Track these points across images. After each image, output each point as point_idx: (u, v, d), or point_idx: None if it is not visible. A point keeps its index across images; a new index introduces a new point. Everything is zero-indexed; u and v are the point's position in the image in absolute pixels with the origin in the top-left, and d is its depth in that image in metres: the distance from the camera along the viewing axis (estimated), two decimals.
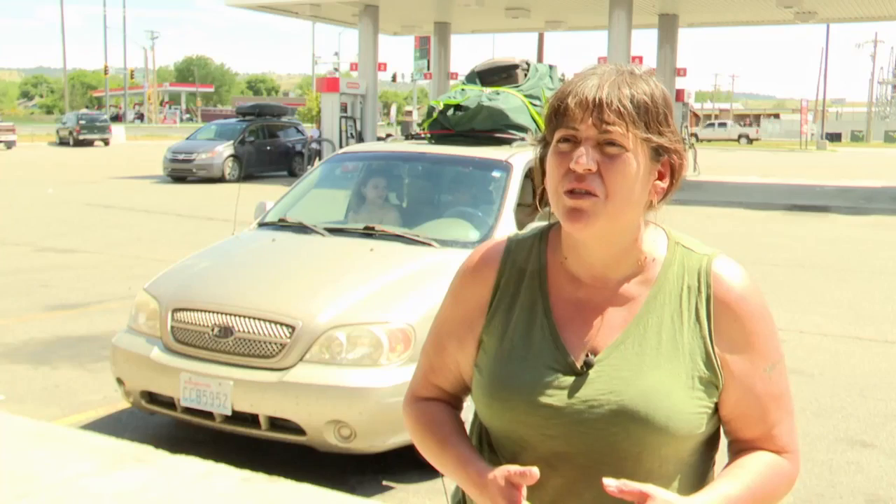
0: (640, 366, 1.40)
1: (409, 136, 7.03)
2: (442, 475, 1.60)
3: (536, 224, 1.62)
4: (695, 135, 28.63)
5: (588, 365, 1.41)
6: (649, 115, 1.37)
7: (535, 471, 1.33)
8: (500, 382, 1.45)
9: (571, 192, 1.37)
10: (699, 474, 1.48)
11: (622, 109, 1.35)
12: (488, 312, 1.51)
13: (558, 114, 1.39)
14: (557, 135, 1.40)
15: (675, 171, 1.43)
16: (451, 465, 1.50)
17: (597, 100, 1.35)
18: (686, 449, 1.42)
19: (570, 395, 1.40)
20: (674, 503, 1.31)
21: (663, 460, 1.40)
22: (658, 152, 1.40)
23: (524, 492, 1.36)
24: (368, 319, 4.39)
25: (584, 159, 1.35)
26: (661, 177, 1.42)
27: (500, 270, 1.53)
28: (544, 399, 1.41)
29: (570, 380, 1.41)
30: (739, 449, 1.48)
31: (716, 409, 1.45)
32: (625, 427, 1.38)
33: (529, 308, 1.48)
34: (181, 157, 24.62)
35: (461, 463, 1.47)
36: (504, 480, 1.36)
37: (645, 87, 1.38)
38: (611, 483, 1.30)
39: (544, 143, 1.45)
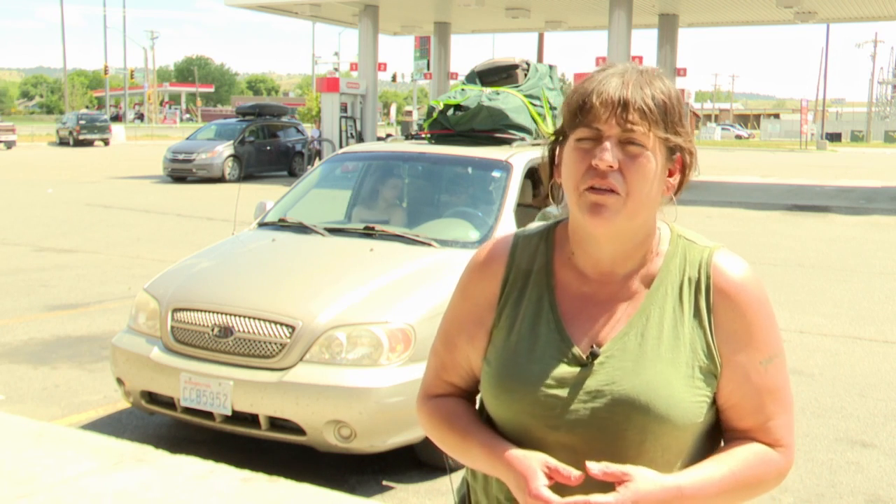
0: (642, 357, 1.43)
1: (409, 136, 7.04)
2: (448, 472, 1.62)
3: (540, 222, 1.63)
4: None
5: (593, 356, 1.44)
6: (667, 115, 1.41)
7: (577, 474, 1.37)
8: (508, 374, 1.48)
9: (593, 189, 1.39)
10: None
11: (645, 109, 1.38)
12: (497, 307, 1.54)
13: (582, 111, 1.41)
14: (579, 132, 1.42)
15: (686, 168, 1.47)
16: (476, 451, 1.50)
17: (622, 99, 1.38)
18: (687, 438, 1.45)
19: (576, 387, 1.44)
20: (653, 480, 1.35)
21: (665, 449, 1.43)
22: (672, 150, 1.43)
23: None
24: (368, 319, 4.39)
25: (609, 156, 1.37)
26: (671, 173, 1.46)
27: (508, 266, 1.56)
28: (550, 390, 1.44)
29: (575, 371, 1.44)
30: (733, 438, 1.50)
31: (715, 399, 1.47)
32: (627, 416, 1.41)
33: (536, 302, 1.51)
34: (181, 157, 24.62)
35: (487, 448, 1.48)
36: (543, 466, 1.38)
37: (663, 87, 1.42)
38: (594, 466, 1.35)
39: (559, 138, 1.47)
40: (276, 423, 4.36)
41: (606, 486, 1.36)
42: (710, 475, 1.41)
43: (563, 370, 1.45)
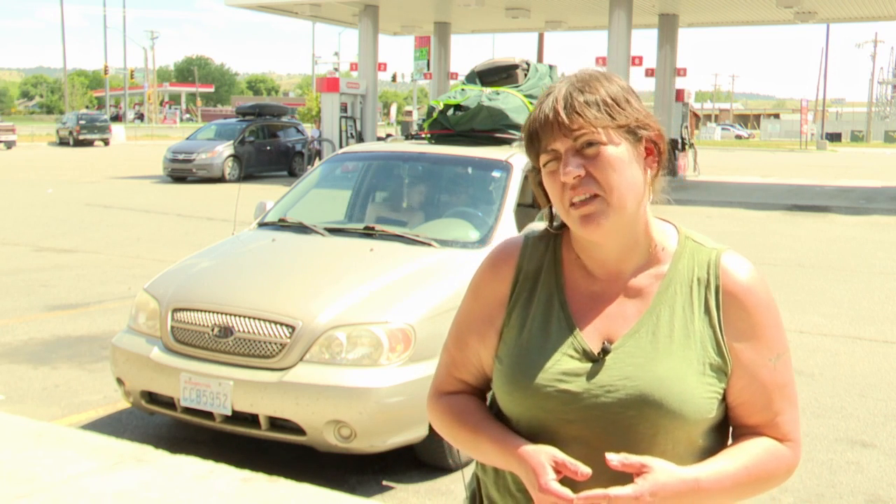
0: (654, 353, 1.47)
1: (409, 136, 7.03)
2: (462, 467, 1.64)
3: (547, 222, 1.65)
4: (692, 144, 28.76)
5: (605, 352, 1.48)
6: (609, 106, 1.45)
7: (585, 470, 1.39)
8: (521, 370, 1.51)
9: (574, 205, 1.44)
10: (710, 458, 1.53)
11: (580, 111, 1.43)
12: (507, 307, 1.58)
13: (533, 141, 1.48)
14: (542, 160, 1.48)
15: (658, 142, 1.50)
16: (487, 447, 1.53)
17: (556, 113, 1.44)
18: (698, 432, 1.48)
19: (588, 381, 1.47)
20: (671, 472, 1.39)
21: (676, 443, 1.46)
22: (635, 133, 1.47)
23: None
24: (368, 319, 4.39)
25: (570, 168, 1.43)
26: (649, 153, 1.50)
27: (518, 267, 1.60)
28: (563, 385, 1.47)
29: (587, 366, 1.48)
30: (742, 434, 1.53)
31: (725, 396, 1.51)
32: (640, 411, 1.44)
33: (546, 302, 1.55)
34: (181, 157, 24.62)
35: (498, 443, 1.51)
36: (551, 461, 1.41)
37: (599, 88, 1.46)
38: (613, 458, 1.38)
39: (536, 171, 1.52)
40: (276, 423, 4.36)
41: (619, 478, 1.38)
42: (725, 468, 1.45)
43: (575, 365, 1.48)
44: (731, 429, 1.56)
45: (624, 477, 1.38)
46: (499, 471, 1.57)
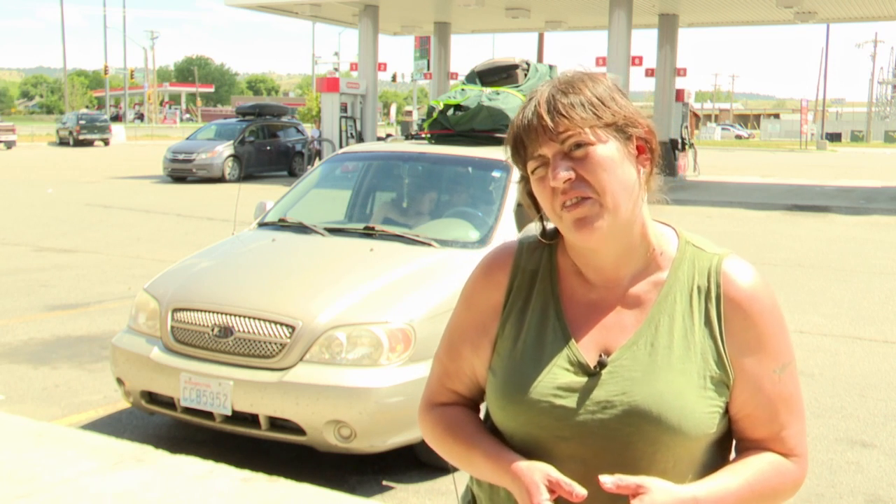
0: (653, 366, 1.40)
1: (409, 136, 7.03)
2: (452, 471, 1.60)
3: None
4: (692, 144, 28.76)
5: (601, 365, 1.41)
6: (594, 106, 1.39)
7: (581, 491, 1.33)
8: (514, 385, 1.45)
9: (566, 208, 1.38)
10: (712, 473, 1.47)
11: (564, 113, 1.38)
12: (502, 316, 1.51)
13: (519, 149, 1.43)
14: (530, 166, 1.43)
15: (649, 140, 1.44)
16: (480, 461, 1.47)
17: (539, 118, 1.39)
18: (699, 448, 1.42)
19: (584, 397, 1.40)
20: (669, 491, 1.32)
21: (677, 459, 1.40)
22: (623, 131, 1.41)
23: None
24: (368, 319, 4.39)
25: (559, 172, 1.37)
26: (641, 151, 1.43)
27: (513, 274, 1.53)
28: (558, 400, 1.41)
29: (583, 381, 1.41)
30: (746, 448, 1.47)
31: (727, 409, 1.44)
32: (638, 427, 1.37)
33: (541, 310, 1.48)
34: (181, 157, 24.62)
35: (491, 458, 1.45)
36: (545, 479, 1.35)
37: (584, 89, 1.41)
38: (607, 480, 1.31)
39: (525, 180, 1.47)
40: (276, 423, 4.36)
41: (616, 499, 1.33)
42: (727, 486, 1.39)
43: (571, 380, 1.41)
44: (734, 442, 1.50)
45: (622, 497, 1.32)
46: (494, 486, 1.50)
